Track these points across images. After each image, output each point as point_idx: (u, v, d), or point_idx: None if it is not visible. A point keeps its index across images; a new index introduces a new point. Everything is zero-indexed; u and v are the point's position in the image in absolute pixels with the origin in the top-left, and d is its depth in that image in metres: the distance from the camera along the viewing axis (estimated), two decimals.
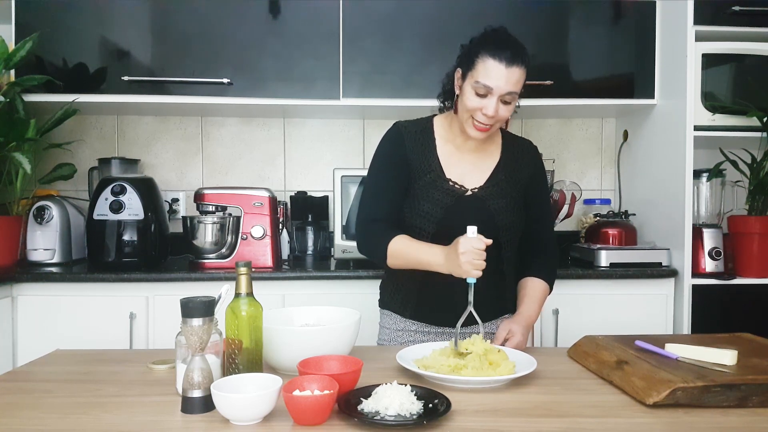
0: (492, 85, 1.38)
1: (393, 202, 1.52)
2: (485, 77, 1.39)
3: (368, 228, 1.52)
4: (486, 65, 1.39)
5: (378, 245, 1.48)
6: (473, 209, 1.50)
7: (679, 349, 1.20)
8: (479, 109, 1.41)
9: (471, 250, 1.28)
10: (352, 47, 2.32)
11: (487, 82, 1.39)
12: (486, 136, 1.48)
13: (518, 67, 1.39)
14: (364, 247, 1.54)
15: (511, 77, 1.38)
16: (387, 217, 1.51)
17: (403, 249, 1.44)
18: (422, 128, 1.57)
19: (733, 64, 2.23)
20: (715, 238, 2.21)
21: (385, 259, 1.47)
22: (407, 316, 1.57)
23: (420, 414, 0.97)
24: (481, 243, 1.29)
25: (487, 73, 1.38)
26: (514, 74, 1.38)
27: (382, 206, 1.52)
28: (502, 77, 1.38)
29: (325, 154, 2.74)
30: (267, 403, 0.96)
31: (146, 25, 2.31)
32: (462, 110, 1.46)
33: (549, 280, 1.56)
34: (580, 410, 1.04)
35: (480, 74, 1.39)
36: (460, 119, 1.48)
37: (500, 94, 1.39)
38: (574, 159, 2.80)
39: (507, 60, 1.37)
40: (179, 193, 2.65)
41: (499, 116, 1.42)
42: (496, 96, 1.39)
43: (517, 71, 1.39)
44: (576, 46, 2.38)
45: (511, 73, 1.38)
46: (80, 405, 1.05)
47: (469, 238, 1.29)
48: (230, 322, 1.13)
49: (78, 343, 1.91)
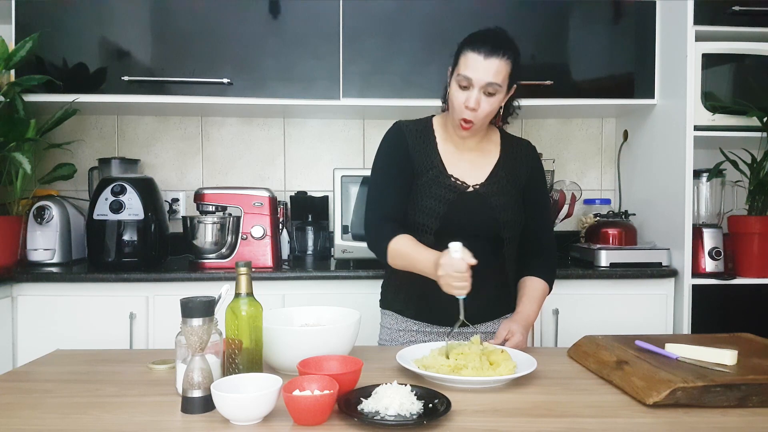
0: (471, 76, 1.41)
1: (399, 198, 1.52)
2: (465, 69, 1.42)
3: (375, 225, 1.53)
4: (466, 58, 1.43)
5: (380, 243, 1.49)
6: (475, 205, 1.51)
7: (679, 349, 1.20)
8: (463, 102, 1.44)
9: (449, 274, 1.26)
10: (352, 47, 2.32)
11: (467, 73, 1.42)
12: (472, 134, 1.50)
13: (498, 59, 1.41)
14: (370, 245, 1.55)
15: (490, 68, 1.40)
16: (395, 215, 1.51)
17: (402, 251, 1.45)
18: (422, 127, 1.59)
19: (733, 64, 2.23)
20: (715, 238, 2.21)
21: (386, 258, 1.48)
22: (409, 315, 1.57)
23: (420, 414, 0.97)
24: (464, 265, 1.26)
25: (467, 65, 1.42)
26: (493, 65, 1.41)
27: (388, 205, 1.52)
28: (481, 68, 1.41)
29: (325, 154, 2.74)
30: (267, 403, 0.96)
31: (146, 25, 2.31)
32: (450, 107, 1.49)
33: (548, 280, 1.56)
34: (580, 410, 1.04)
35: (461, 67, 1.43)
36: (451, 117, 1.51)
37: (480, 85, 1.41)
38: (574, 159, 2.80)
39: (486, 51, 1.40)
40: (179, 193, 2.65)
41: (481, 109, 1.44)
42: (477, 87, 1.42)
43: (496, 62, 1.41)
44: (576, 46, 2.38)
45: (490, 64, 1.40)
46: (80, 405, 1.05)
47: (451, 259, 1.27)
48: (230, 322, 1.13)
49: (78, 343, 1.92)
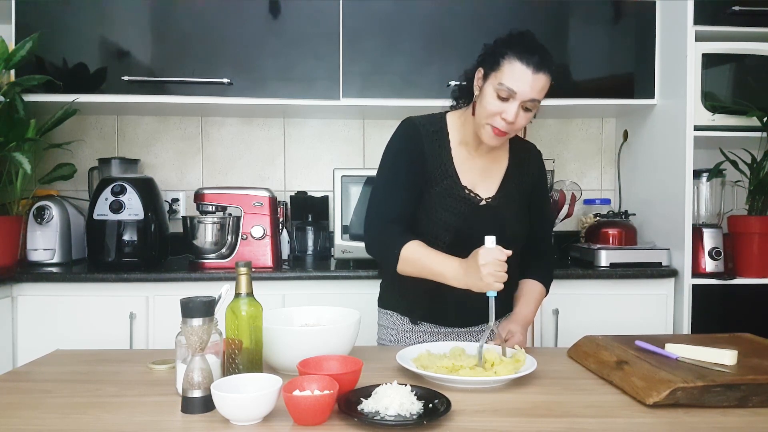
0: (516, 89, 1.31)
1: (408, 201, 1.44)
2: (510, 80, 1.32)
3: (381, 229, 1.43)
4: (513, 67, 1.32)
5: (390, 249, 1.40)
6: (488, 219, 1.45)
7: (679, 349, 1.20)
8: (499, 113, 1.34)
9: (493, 262, 1.22)
10: (352, 47, 2.32)
11: (512, 85, 1.32)
12: (500, 143, 1.43)
13: (545, 74, 1.32)
14: (373, 249, 1.46)
15: (537, 84, 1.32)
16: (401, 218, 1.43)
17: (417, 257, 1.36)
18: (437, 127, 1.49)
19: (733, 64, 2.23)
20: (715, 238, 2.21)
21: (395, 264, 1.39)
22: (416, 319, 1.53)
23: (420, 414, 0.97)
24: (503, 254, 1.23)
25: (513, 76, 1.31)
26: (540, 81, 1.32)
27: (398, 205, 1.43)
28: (528, 82, 1.31)
29: (325, 154, 2.74)
30: (267, 403, 0.96)
31: (146, 25, 2.31)
32: (480, 113, 1.39)
33: (545, 283, 1.56)
34: (580, 410, 1.04)
35: (505, 76, 1.32)
36: (476, 122, 1.41)
37: (523, 99, 1.33)
38: (574, 159, 2.80)
39: (535, 65, 1.31)
40: (179, 193, 2.65)
41: (517, 123, 1.35)
42: (519, 101, 1.33)
43: (543, 78, 1.32)
44: (576, 46, 2.38)
45: (537, 80, 1.32)
46: (80, 405, 1.05)
47: (489, 249, 1.24)
48: (230, 322, 1.13)
49: (78, 343, 1.91)
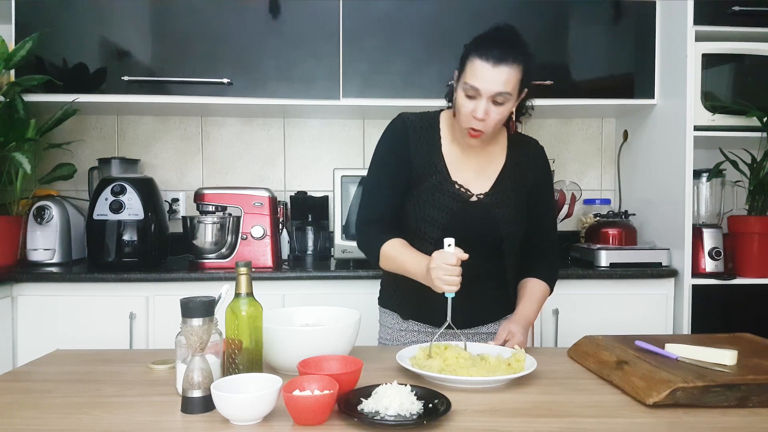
0: (479, 86, 1.33)
1: (389, 202, 1.49)
2: (472, 78, 1.34)
3: (364, 230, 1.51)
4: (473, 65, 1.34)
5: (371, 248, 1.47)
6: (478, 215, 1.47)
7: (679, 349, 1.20)
8: (470, 112, 1.37)
9: (441, 266, 1.25)
10: (352, 47, 2.32)
11: (474, 83, 1.34)
12: (480, 142, 1.45)
13: (507, 66, 1.32)
14: (360, 248, 1.54)
15: (499, 77, 1.32)
16: (381, 219, 1.49)
17: (394, 255, 1.43)
18: (428, 124, 1.52)
19: (733, 64, 2.23)
20: (715, 238, 2.21)
21: (377, 263, 1.47)
22: (406, 316, 1.56)
23: (420, 414, 0.97)
24: (455, 258, 1.24)
25: (474, 74, 1.34)
26: (502, 74, 1.32)
27: (378, 207, 1.49)
28: (488, 77, 1.32)
29: (325, 154, 2.74)
30: (267, 403, 0.96)
31: (146, 25, 2.31)
32: (457, 114, 1.43)
33: (549, 282, 1.55)
34: (580, 410, 1.04)
35: (468, 75, 1.35)
36: (458, 123, 1.45)
37: (489, 95, 1.34)
38: (574, 159, 2.80)
39: (494, 59, 1.32)
40: (179, 193, 2.65)
41: (491, 119, 1.37)
42: (485, 97, 1.34)
43: (506, 70, 1.32)
44: (576, 46, 2.38)
45: (499, 73, 1.32)
46: (80, 405, 1.05)
47: (443, 253, 1.26)
48: (230, 322, 1.13)
49: (78, 343, 1.92)
